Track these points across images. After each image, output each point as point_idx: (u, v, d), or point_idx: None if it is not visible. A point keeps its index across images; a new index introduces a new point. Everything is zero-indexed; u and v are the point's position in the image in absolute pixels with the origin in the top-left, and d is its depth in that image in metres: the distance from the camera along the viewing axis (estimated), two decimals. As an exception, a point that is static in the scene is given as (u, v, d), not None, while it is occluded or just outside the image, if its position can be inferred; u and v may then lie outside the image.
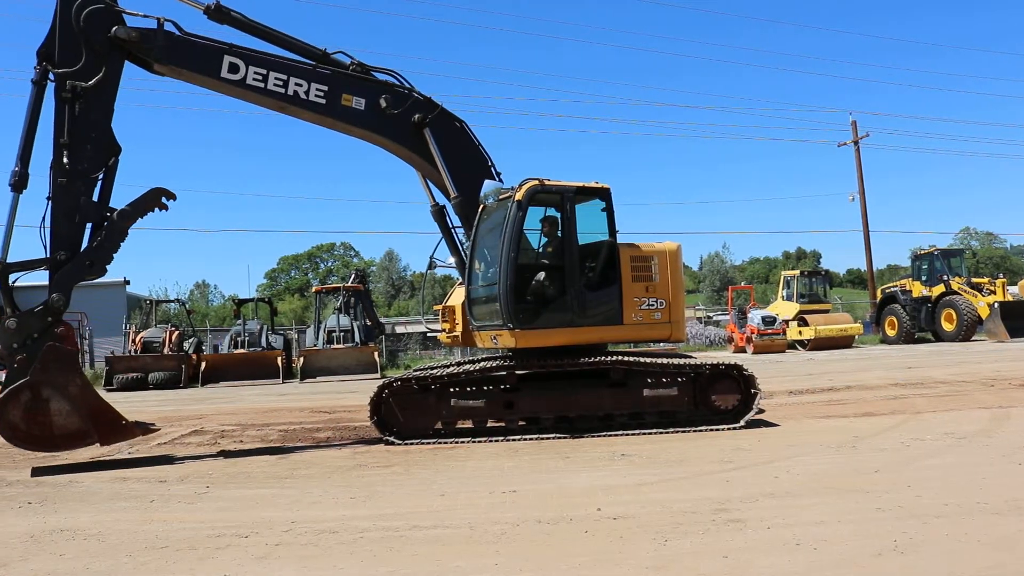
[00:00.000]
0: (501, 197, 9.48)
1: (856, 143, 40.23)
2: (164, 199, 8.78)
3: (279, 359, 24.78)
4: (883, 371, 16.97)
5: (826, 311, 31.91)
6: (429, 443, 9.00)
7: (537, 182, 9.34)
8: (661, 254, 9.75)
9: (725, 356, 23.26)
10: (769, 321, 29.34)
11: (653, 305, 9.60)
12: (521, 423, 9.35)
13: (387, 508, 5.94)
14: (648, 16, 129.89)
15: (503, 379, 9.39)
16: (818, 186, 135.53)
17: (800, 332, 30.61)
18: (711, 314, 46.62)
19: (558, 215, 9.61)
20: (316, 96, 9.32)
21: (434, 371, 9.32)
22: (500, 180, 10.04)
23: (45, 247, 8.32)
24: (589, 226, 9.67)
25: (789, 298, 32.42)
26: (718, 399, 9.27)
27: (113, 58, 8.56)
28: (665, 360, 9.30)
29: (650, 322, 9.61)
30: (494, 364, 9.45)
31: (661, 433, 8.90)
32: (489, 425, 9.48)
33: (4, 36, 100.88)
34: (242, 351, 25.66)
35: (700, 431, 8.94)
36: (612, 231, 9.66)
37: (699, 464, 7.12)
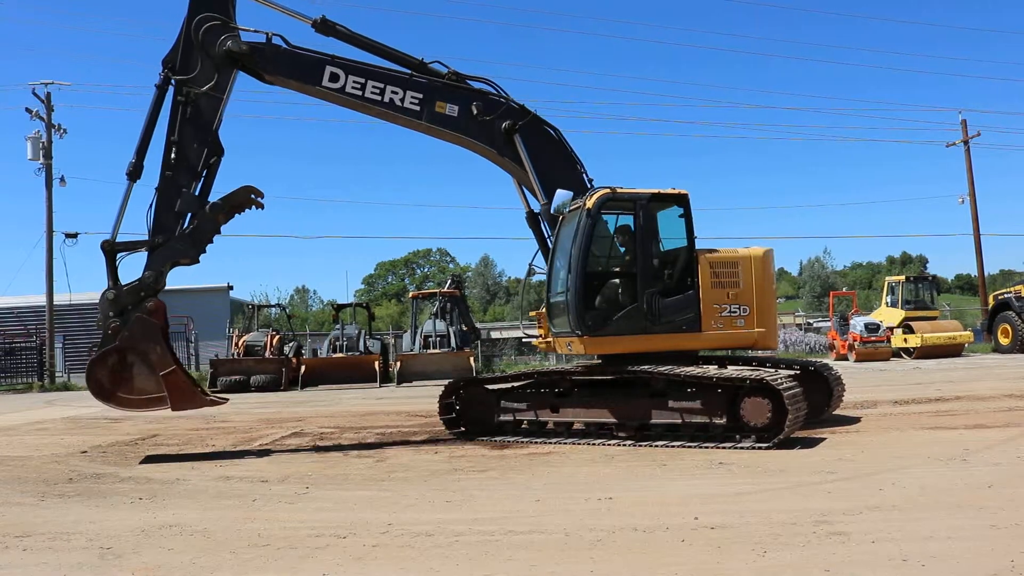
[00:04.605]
0: (571, 208, 9.46)
1: (966, 143, 38.59)
2: (254, 196, 9.58)
3: (376, 363, 25.16)
4: (996, 381, 16.19)
5: (933, 318, 30.69)
6: (523, 446, 9.07)
7: (608, 190, 9.32)
8: (745, 260, 9.51)
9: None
10: (872, 328, 28.37)
11: (735, 312, 9.35)
12: (613, 429, 9.27)
13: (483, 512, 5.98)
14: (739, 14, 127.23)
15: (589, 383, 9.48)
16: (925, 188, 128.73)
17: (905, 340, 29.51)
18: (811, 320, 45.44)
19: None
20: (411, 103, 9.85)
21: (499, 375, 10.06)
22: (592, 186, 10.00)
23: (149, 231, 9.31)
24: (669, 232, 9.56)
25: (894, 304, 31.30)
26: (748, 415, 8.38)
27: (225, 68, 9.51)
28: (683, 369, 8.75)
29: (732, 329, 9.36)
30: (564, 368, 9.74)
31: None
32: (586, 430, 9.47)
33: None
34: (340, 355, 26.17)
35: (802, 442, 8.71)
36: (690, 237, 9.49)
37: (799, 474, 6.94)
